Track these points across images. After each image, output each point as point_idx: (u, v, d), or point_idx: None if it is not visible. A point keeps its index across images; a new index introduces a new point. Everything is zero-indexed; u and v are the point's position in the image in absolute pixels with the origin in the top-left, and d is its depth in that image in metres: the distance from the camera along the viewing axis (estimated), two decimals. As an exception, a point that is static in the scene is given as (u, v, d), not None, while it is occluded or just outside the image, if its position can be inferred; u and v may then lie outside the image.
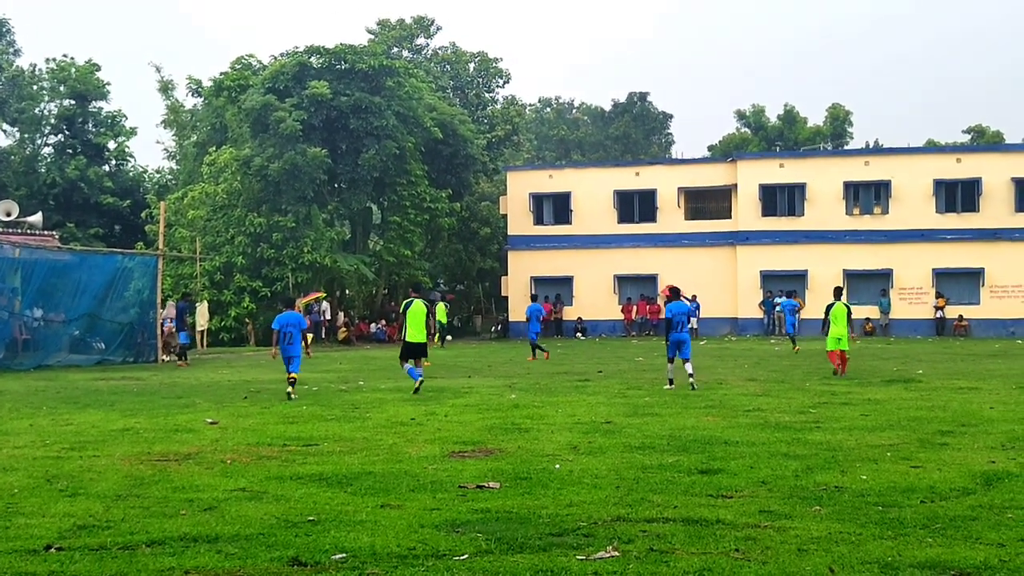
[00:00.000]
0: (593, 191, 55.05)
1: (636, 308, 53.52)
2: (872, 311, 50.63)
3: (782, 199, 52.83)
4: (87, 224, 58.96)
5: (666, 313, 22.85)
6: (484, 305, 63.97)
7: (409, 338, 21.79)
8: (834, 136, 79.48)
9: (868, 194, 52.06)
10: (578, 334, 53.46)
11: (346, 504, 9.69)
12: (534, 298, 36.73)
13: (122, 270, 35.21)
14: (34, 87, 62.75)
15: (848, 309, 25.55)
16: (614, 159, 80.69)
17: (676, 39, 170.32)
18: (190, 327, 36.41)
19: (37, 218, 43.92)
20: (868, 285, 51.31)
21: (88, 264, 35.00)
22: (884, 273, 51.01)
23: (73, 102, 62.31)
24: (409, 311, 21.89)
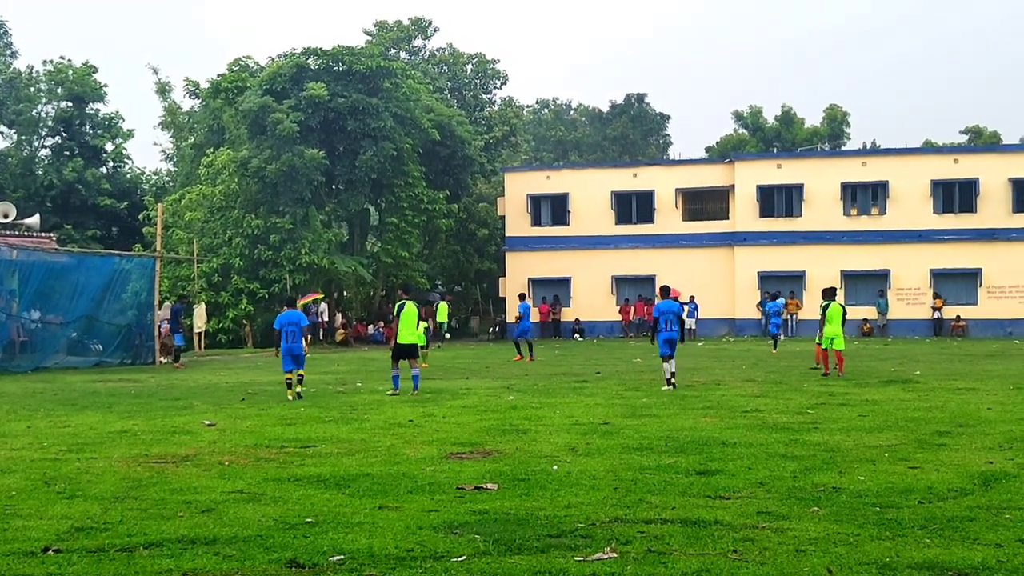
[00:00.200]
0: (591, 192, 55.08)
1: (634, 309, 53.51)
2: (870, 312, 50.70)
3: (780, 200, 52.87)
4: (84, 226, 58.97)
5: (654, 312, 23.04)
6: (482, 306, 63.96)
7: (400, 339, 21.81)
8: (832, 137, 79.52)
9: (865, 195, 52.11)
10: (576, 335, 53.48)
11: (344, 506, 9.68)
12: (522, 297, 36.63)
13: (120, 272, 35.22)
14: (31, 89, 62.78)
15: (844, 310, 25.67)
16: (612, 160, 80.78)
17: (674, 40, 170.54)
18: (186, 329, 36.38)
19: (34, 220, 43.94)
20: (866, 286, 51.36)
21: (86, 266, 35.02)
22: (882, 274, 51.06)
23: (70, 104, 62.31)
24: (403, 313, 21.91)
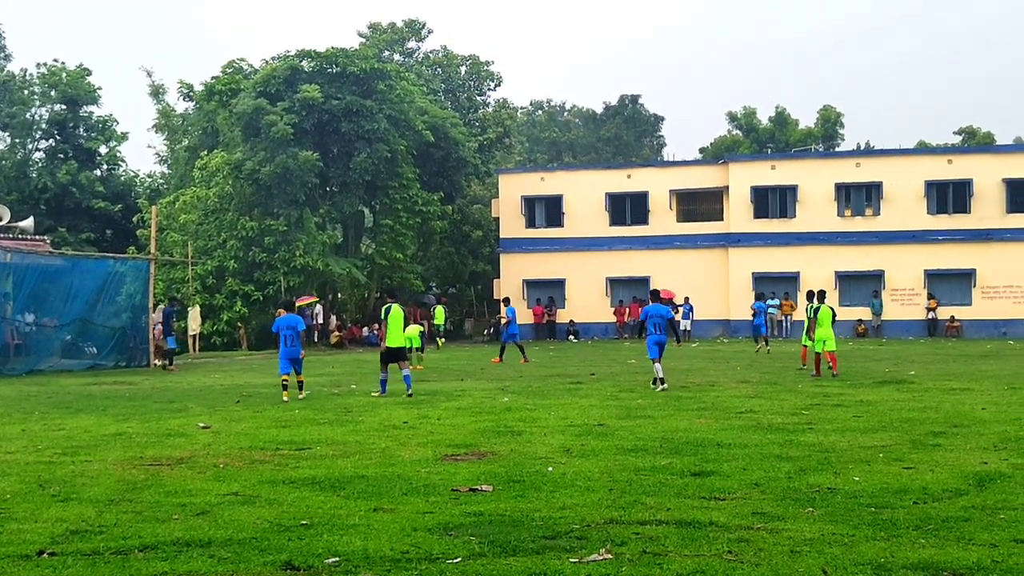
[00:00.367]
0: (585, 194, 55.07)
1: (628, 310, 53.48)
2: (864, 312, 50.75)
3: (774, 201, 52.89)
4: (79, 229, 58.90)
5: (642, 315, 23.13)
6: (476, 308, 63.93)
7: (389, 343, 21.80)
8: (825, 138, 79.54)
9: (859, 196, 52.15)
10: (570, 337, 53.45)
11: (339, 508, 9.68)
12: (507, 301, 36.61)
13: (114, 275, 35.18)
14: (25, 92, 62.67)
15: (833, 312, 25.83)
16: (606, 161, 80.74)
17: (667, 41, 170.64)
18: (180, 331, 36.31)
19: (28, 223, 43.85)
20: (860, 286, 51.41)
21: (80, 269, 34.98)
22: (876, 274, 51.09)
23: (64, 107, 62.24)
24: (390, 316, 21.91)
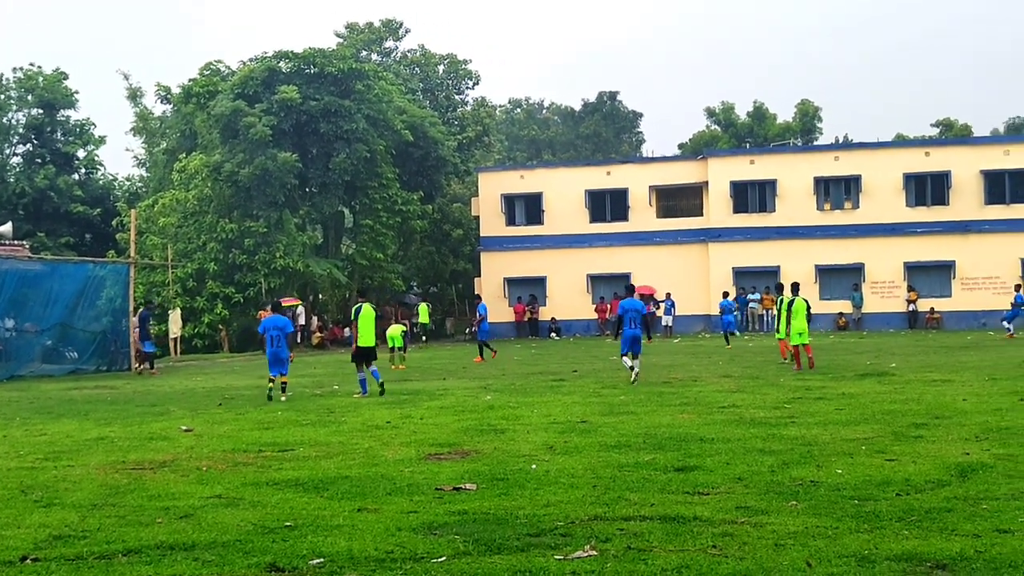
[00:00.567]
0: (564, 191, 55.10)
1: (610, 307, 53.46)
2: (844, 306, 50.95)
3: (753, 196, 53.03)
4: (58, 233, 58.69)
5: (619, 309, 23.22)
6: (457, 307, 63.89)
7: (360, 343, 21.82)
8: (804, 132, 79.77)
9: (838, 189, 52.34)
10: (552, 334, 53.48)
11: (323, 509, 9.66)
12: (478, 298, 36.73)
13: (94, 279, 35.04)
14: (1, 96, 62.38)
15: (807, 304, 25.91)
16: (585, 159, 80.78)
17: (645, 38, 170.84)
18: (159, 334, 36.07)
19: (7, 228, 43.66)
20: (840, 280, 51.57)
21: (59, 273, 34.82)
22: (856, 267, 51.29)
23: (41, 111, 62.03)
24: (360, 316, 21.92)
